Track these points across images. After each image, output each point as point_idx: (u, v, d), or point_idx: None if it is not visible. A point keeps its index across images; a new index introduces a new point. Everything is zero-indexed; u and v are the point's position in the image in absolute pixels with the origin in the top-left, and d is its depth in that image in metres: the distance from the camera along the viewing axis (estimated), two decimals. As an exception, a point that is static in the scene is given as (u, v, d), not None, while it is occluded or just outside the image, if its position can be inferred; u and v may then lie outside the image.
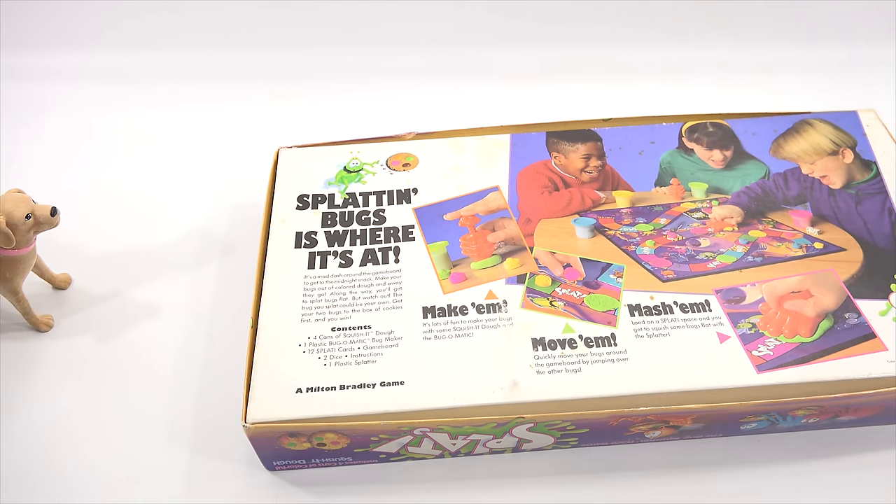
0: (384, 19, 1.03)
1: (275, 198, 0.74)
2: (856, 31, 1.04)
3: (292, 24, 1.03)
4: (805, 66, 1.03)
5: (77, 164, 0.92)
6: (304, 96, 1.00)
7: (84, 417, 0.68)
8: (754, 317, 0.64)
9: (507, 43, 1.04)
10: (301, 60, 1.03)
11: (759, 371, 0.61)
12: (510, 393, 0.60)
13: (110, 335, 0.74)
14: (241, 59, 1.03)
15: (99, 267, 0.80)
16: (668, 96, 0.99)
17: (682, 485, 0.64)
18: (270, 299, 0.67)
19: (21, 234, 0.67)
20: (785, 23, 1.04)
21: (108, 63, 1.03)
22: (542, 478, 0.64)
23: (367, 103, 0.99)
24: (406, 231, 0.71)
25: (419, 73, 1.02)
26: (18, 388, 0.70)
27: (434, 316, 0.65)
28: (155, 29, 1.03)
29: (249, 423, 0.59)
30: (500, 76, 1.02)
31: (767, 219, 0.72)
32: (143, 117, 0.98)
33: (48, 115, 0.98)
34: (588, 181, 0.75)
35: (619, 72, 1.02)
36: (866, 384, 0.61)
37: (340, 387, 0.61)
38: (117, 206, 0.86)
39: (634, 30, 1.03)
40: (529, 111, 0.93)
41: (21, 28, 1.03)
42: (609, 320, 0.64)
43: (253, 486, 0.64)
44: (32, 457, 0.65)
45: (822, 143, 0.77)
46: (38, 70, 1.03)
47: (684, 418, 0.62)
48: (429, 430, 0.60)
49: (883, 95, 0.96)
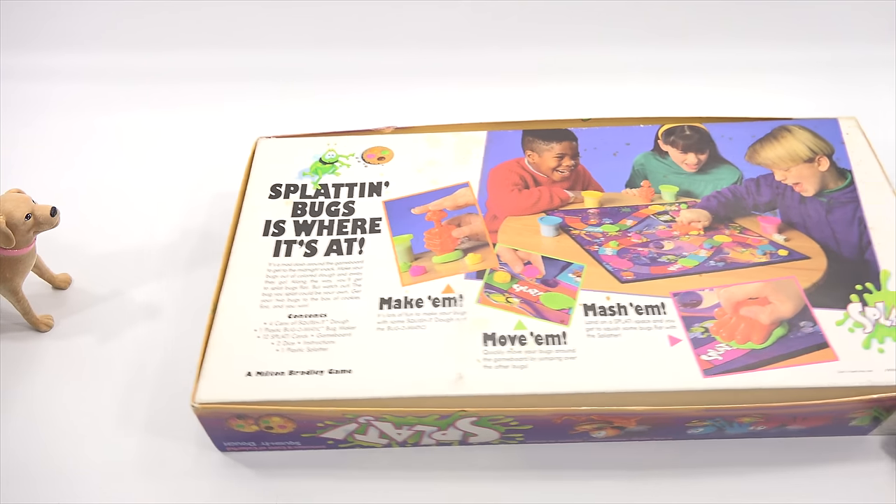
0: (387, 20, 1.04)
1: (248, 186, 0.76)
2: (855, 31, 1.03)
3: (293, 24, 1.05)
4: (798, 67, 1.02)
5: (77, 164, 0.93)
6: (309, 97, 1.01)
7: (84, 417, 0.69)
8: (708, 321, 0.64)
9: (495, 44, 1.04)
10: (302, 60, 1.05)
11: (706, 375, 0.61)
12: (455, 386, 0.61)
13: (110, 335, 0.75)
14: (243, 59, 1.05)
15: (99, 267, 0.81)
16: (666, 97, 0.99)
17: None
18: (232, 285, 0.68)
19: (21, 235, 0.68)
20: (781, 23, 1.03)
21: (108, 63, 1.05)
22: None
23: (366, 104, 1.00)
24: (373, 223, 0.73)
25: (411, 73, 1.03)
26: (18, 388, 0.71)
27: (390, 307, 0.66)
28: (155, 29, 1.05)
29: (197, 403, 0.60)
30: (488, 76, 1.02)
31: (735, 224, 0.72)
32: (144, 117, 0.99)
33: (48, 116, 1.00)
34: (559, 180, 0.76)
35: (608, 72, 1.02)
36: (813, 394, 0.60)
37: (289, 372, 0.62)
38: (117, 206, 0.88)
39: (624, 30, 1.03)
40: (516, 111, 0.94)
41: (21, 28, 1.05)
42: (562, 319, 0.65)
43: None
44: (32, 456, 0.66)
45: (798, 150, 0.76)
46: (38, 70, 1.05)
47: (628, 419, 0.62)
48: (373, 418, 0.61)
49: (869, 97, 0.96)
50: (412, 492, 0.64)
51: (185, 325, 0.74)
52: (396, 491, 0.64)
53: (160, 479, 0.65)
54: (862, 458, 0.64)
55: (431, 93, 1.01)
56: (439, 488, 0.64)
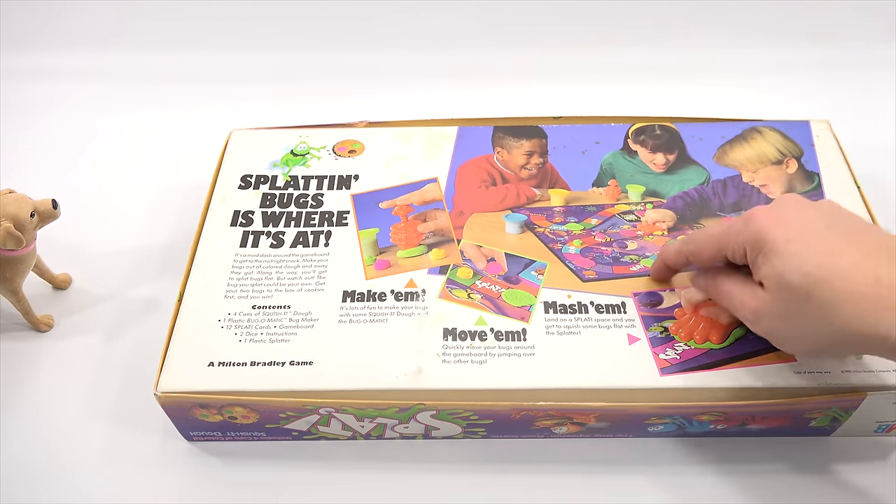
0: (365, 19, 1.05)
1: (219, 177, 0.76)
2: (853, 31, 1.04)
3: (295, 24, 1.05)
4: (794, 67, 1.03)
5: (77, 164, 0.93)
6: (317, 97, 1.01)
7: (84, 417, 0.69)
8: (668, 321, 0.65)
9: (469, 43, 1.05)
10: (303, 60, 1.06)
11: (663, 374, 0.62)
12: (413, 379, 0.62)
13: (110, 335, 0.75)
14: (244, 59, 1.05)
15: (99, 267, 0.81)
16: (661, 97, 1.00)
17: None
18: (198, 275, 0.69)
19: (29, 233, 0.67)
20: (777, 23, 1.03)
21: (108, 63, 1.05)
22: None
23: (342, 101, 1.00)
24: (340, 216, 0.73)
25: (387, 71, 1.04)
26: (18, 388, 0.71)
27: (353, 300, 0.67)
28: (155, 29, 1.06)
29: (160, 392, 0.61)
30: (462, 75, 1.02)
31: (700, 225, 0.72)
32: (144, 117, 0.99)
33: (48, 116, 1.00)
34: (526, 178, 0.76)
35: (582, 71, 1.03)
36: (769, 393, 0.61)
37: (251, 363, 0.63)
38: (117, 206, 0.88)
39: (600, 29, 1.04)
40: (488, 108, 0.95)
41: (22, 28, 1.05)
42: (523, 316, 0.65)
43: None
44: (32, 456, 0.66)
45: (767, 152, 0.77)
46: (39, 71, 1.05)
47: (587, 416, 0.62)
48: (334, 410, 0.62)
49: (869, 97, 0.97)
50: (374, 483, 0.64)
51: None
52: (359, 482, 0.64)
53: (124, 469, 0.66)
54: (823, 459, 0.65)
55: (406, 90, 1.01)
56: (401, 480, 0.65)
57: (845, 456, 0.65)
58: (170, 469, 0.65)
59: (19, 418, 0.69)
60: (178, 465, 0.66)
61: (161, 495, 0.64)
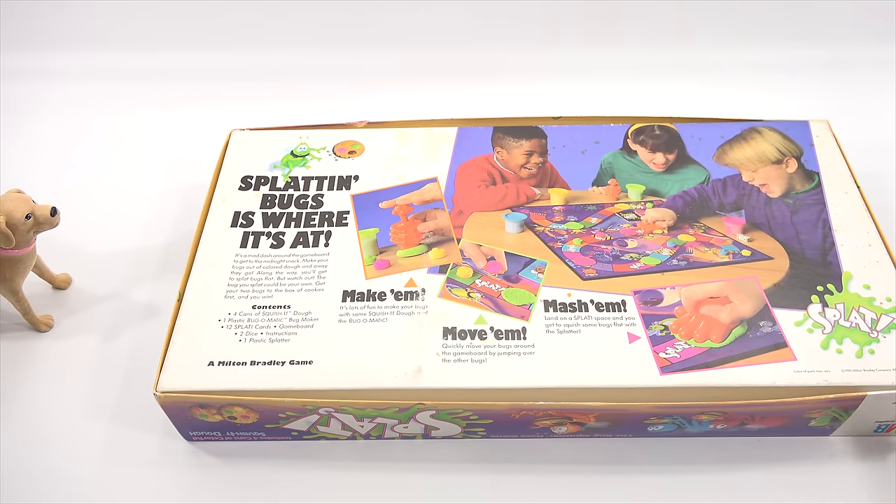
0: (367, 20, 1.05)
1: (219, 178, 0.76)
2: (853, 31, 1.04)
3: (295, 24, 1.05)
4: (793, 67, 1.03)
5: (77, 163, 0.93)
6: (317, 97, 1.01)
7: (84, 417, 0.69)
8: (668, 319, 0.65)
9: (469, 43, 1.05)
10: (303, 60, 1.06)
11: (663, 373, 0.62)
12: (413, 379, 0.62)
13: (110, 335, 0.75)
14: (244, 59, 1.05)
15: (99, 267, 0.81)
16: (661, 97, 0.99)
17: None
18: (199, 275, 0.69)
19: (21, 235, 0.67)
20: (777, 23, 1.03)
21: (109, 63, 1.05)
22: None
23: (342, 101, 1.01)
24: (340, 216, 0.73)
25: (387, 71, 1.04)
26: (18, 388, 0.71)
27: (353, 300, 0.67)
28: (155, 29, 1.06)
29: (159, 392, 0.61)
30: (462, 75, 1.03)
31: (699, 224, 0.72)
32: (145, 117, 0.99)
33: (48, 116, 1.00)
34: (526, 177, 0.76)
35: (581, 71, 1.03)
36: (769, 393, 0.61)
37: (251, 362, 0.63)
38: (117, 206, 0.88)
39: (601, 28, 1.04)
40: (488, 108, 0.95)
41: (22, 28, 1.05)
42: (523, 314, 0.65)
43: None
44: (32, 456, 0.66)
45: (767, 152, 0.77)
46: (39, 70, 1.05)
47: (586, 415, 0.62)
48: (333, 410, 0.62)
49: (869, 97, 0.97)
50: (374, 483, 0.64)
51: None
52: (359, 482, 0.64)
53: (124, 469, 0.66)
54: (822, 459, 0.65)
55: (406, 90, 1.02)
56: (401, 480, 0.64)
57: (845, 456, 0.65)
58: (169, 469, 0.65)
59: (19, 418, 0.69)
60: (177, 465, 0.66)
61: (161, 495, 0.64)
